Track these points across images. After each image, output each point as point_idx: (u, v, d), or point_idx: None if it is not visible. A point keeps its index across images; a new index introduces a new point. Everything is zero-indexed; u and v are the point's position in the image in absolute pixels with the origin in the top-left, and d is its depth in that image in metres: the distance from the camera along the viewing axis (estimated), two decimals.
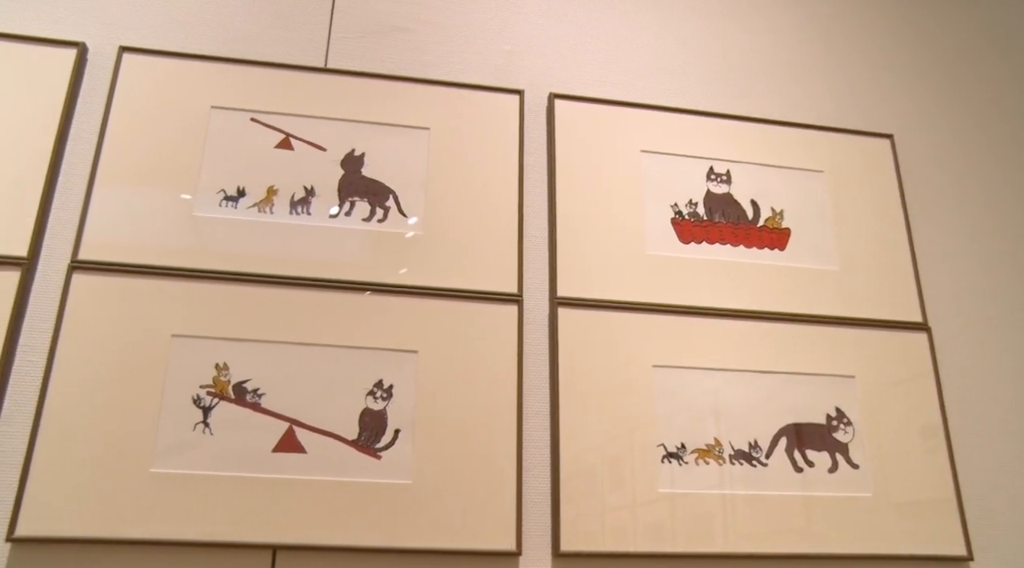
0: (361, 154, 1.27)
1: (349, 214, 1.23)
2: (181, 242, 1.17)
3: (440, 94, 1.34)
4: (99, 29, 1.31)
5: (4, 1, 1.30)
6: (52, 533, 1.02)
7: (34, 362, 1.11)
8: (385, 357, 1.16)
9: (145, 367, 1.11)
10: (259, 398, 1.11)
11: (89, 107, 1.25)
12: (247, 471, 1.08)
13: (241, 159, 1.23)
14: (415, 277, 1.21)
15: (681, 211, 1.35)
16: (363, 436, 1.12)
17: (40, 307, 1.14)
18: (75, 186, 1.21)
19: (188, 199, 1.20)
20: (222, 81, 1.28)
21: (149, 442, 1.07)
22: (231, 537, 1.05)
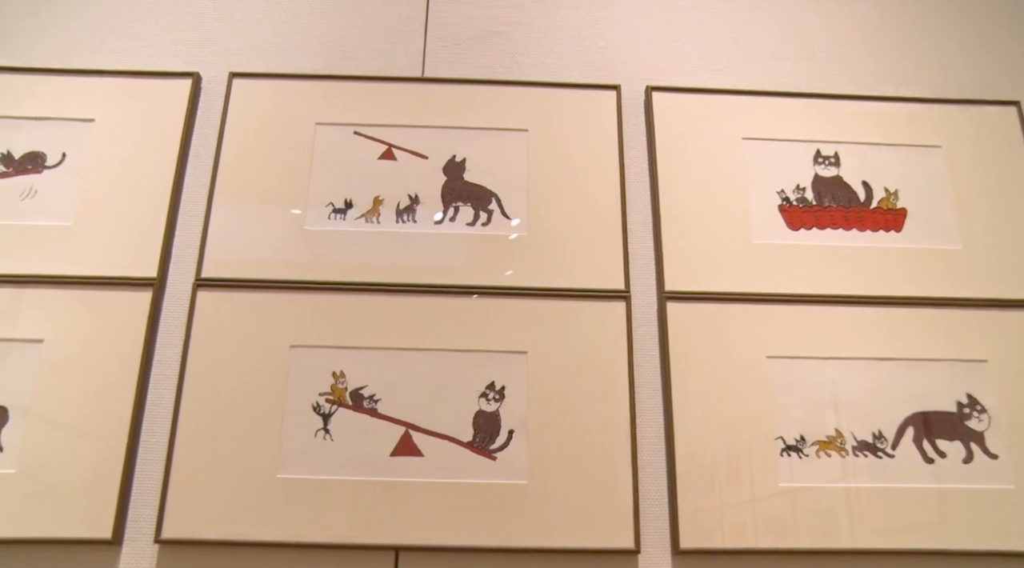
0: (462, 160, 1.29)
1: (453, 219, 1.26)
2: (294, 256, 1.23)
3: (536, 95, 1.35)
4: (210, 58, 1.38)
5: (124, 40, 1.40)
6: (192, 536, 1.09)
7: (168, 376, 1.19)
8: (495, 359, 1.18)
9: (267, 377, 1.16)
10: (375, 404, 1.15)
11: (205, 132, 1.33)
12: (367, 475, 1.12)
13: (347, 172, 1.28)
14: (521, 278, 1.23)
15: (788, 197, 1.32)
16: (478, 438, 1.14)
17: (170, 324, 1.22)
18: (195, 209, 1.28)
19: (299, 214, 1.25)
20: (325, 98, 1.33)
21: (274, 449, 1.13)
22: (355, 539, 1.09)
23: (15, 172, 1.28)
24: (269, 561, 1.10)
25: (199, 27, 1.41)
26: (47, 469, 1.12)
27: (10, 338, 1.19)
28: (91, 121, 1.32)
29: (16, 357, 1.18)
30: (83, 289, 1.21)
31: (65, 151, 1.30)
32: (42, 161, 1.29)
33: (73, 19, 1.42)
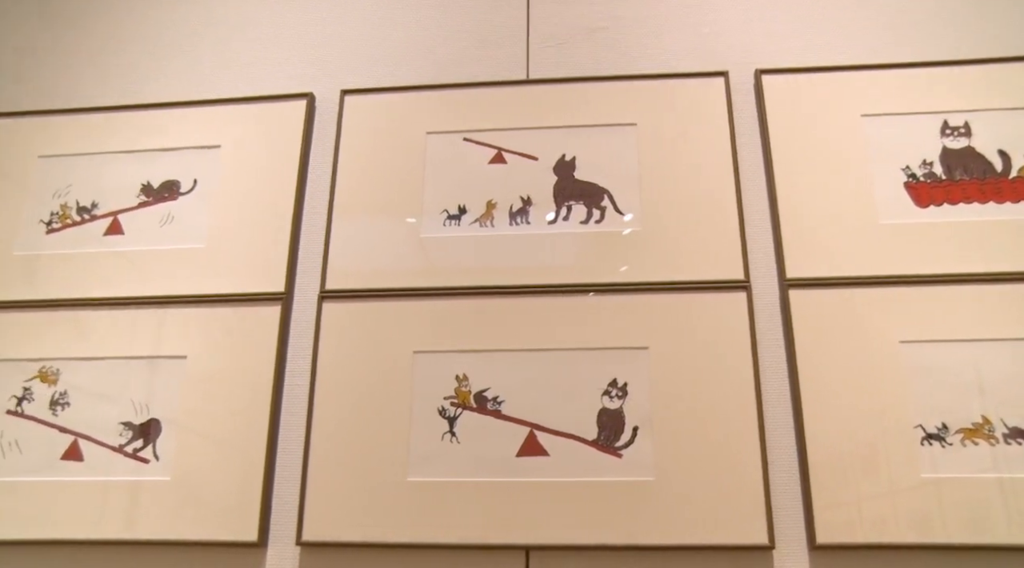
0: (572, 158, 1.30)
1: (567, 219, 1.27)
2: (412, 264, 1.27)
3: (643, 88, 1.34)
4: (323, 78, 1.45)
5: (243, 68, 1.48)
6: (330, 538, 1.14)
7: (300, 385, 1.25)
8: (616, 356, 1.18)
9: (393, 383, 1.21)
10: (499, 405, 1.17)
11: (321, 150, 1.39)
12: (495, 476, 1.14)
13: (459, 178, 1.31)
14: (637, 273, 1.23)
15: (915, 173, 1.26)
16: (602, 435, 1.15)
17: (299, 336, 1.28)
18: (317, 223, 1.34)
19: (414, 222, 1.29)
20: (434, 107, 1.36)
21: (403, 453, 1.17)
22: (486, 539, 1.12)
23: (154, 201, 1.38)
24: (404, 562, 1.14)
25: (311, 50, 1.47)
26: (197, 477, 1.20)
27: (157, 355, 1.28)
28: (217, 147, 1.40)
29: (163, 373, 1.27)
30: (218, 306, 1.29)
31: (196, 177, 1.38)
32: (177, 189, 1.38)
33: (197, 53, 1.52)
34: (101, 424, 1.26)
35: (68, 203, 1.41)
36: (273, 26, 1.51)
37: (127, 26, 1.57)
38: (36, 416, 1.28)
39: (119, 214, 1.39)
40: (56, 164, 1.45)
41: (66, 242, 1.39)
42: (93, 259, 1.37)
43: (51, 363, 1.31)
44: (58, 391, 1.29)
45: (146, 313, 1.31)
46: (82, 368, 1.30)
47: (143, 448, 1.23)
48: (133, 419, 1.25)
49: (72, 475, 1.23)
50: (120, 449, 1.24)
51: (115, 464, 1.23)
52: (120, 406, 1.26)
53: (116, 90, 1.52)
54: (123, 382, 1.28)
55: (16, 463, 1.26)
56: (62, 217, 1.41)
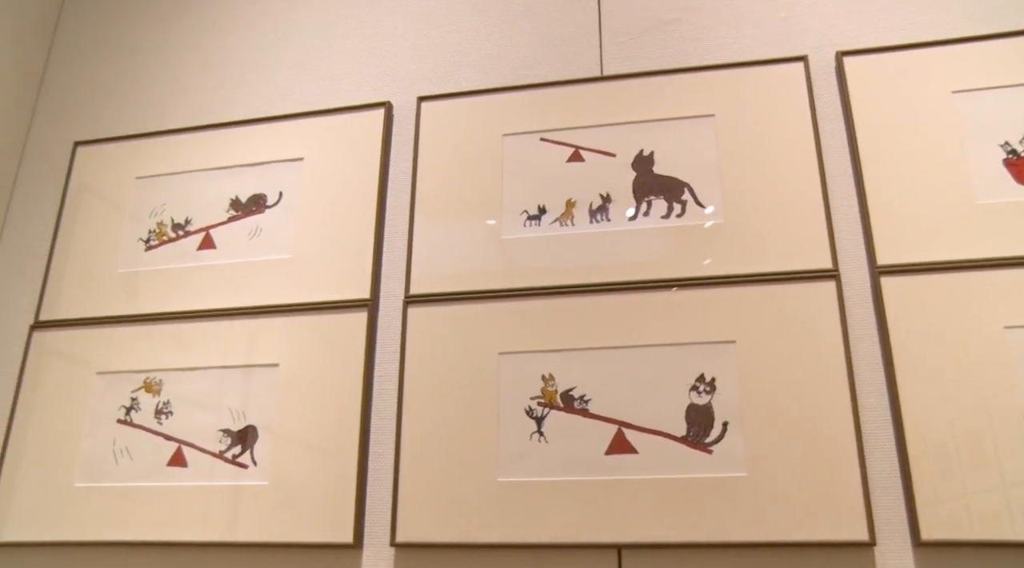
0: (650, 153, 1.30)
1: (647, 214, 1.27)
2: (494, 265, 1.29)
3: (720, 78, 1.33)
4: (399, 86, 1.48)
5: (322, 81, 1.53)
6: (423, 539, 1.17)
7: (388, 390, 1.28)
8: (703, 350, 1.18)
9: (480, 385, 1.23)
10: (586, 404, 1.18)
11: (400, 157, 1.43)
12: (584, 475, 1.15)
13: (537, 178, 1.33)
14: (721, 266, 1.22)
15: (1015, 149, 1.21)
16: (692, 432, 1.14)
17: (386, 340, 1.31)
18: (399, 230, 1.38)
19: (494, 224, 1.31)
20: (509, 109, 1.38)
21: (493, 453, 1.19)
22: (577, 539, 1.12)
23: (243, 214, 1.44)
24: (496, 561, 1.16)
25: (386, 60, 1.51)
26: (293, 481, 1.25)
27: (250, 364, 1.34)
28: (300, 160, 1.45)
29: (257, 381, 1.32)
30: (307, 315, 1.34)
31: (281, 190, 1.44)
32: (264, 202, 1.44)
33: (275, 70, 1.58)
34: (202, 431, 1.32)
35: (164, 221, 1.49)
36: (347, 39, 1.56)
37: (208, 49, 1.65)
38: (143, 425, 1.35)
39: (210, 229, 1.46)
40: (151, 184, 1.53)
41: (163, 258, 1.46)
42: (188, 274, 1.44)
43: (154, 374, 1.38)
44: (162, 401, 1.36)
45: (239, 324, 1.37)
46: (182, 378, 1.37)
47: (241, 454, 1.29)
48: (231, 426, 1.31)
49: (178, 480, 1.30)
50: (220, 455, 1.30)
51: (216, 470, 1.29)
52: (218, 414, 1.32)
53: (203, 111, 1.59)
54: (220, 391, 1.34)
55: (128, 469, 1.33)
56: (159, 235, 1.48)
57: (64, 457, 1.37)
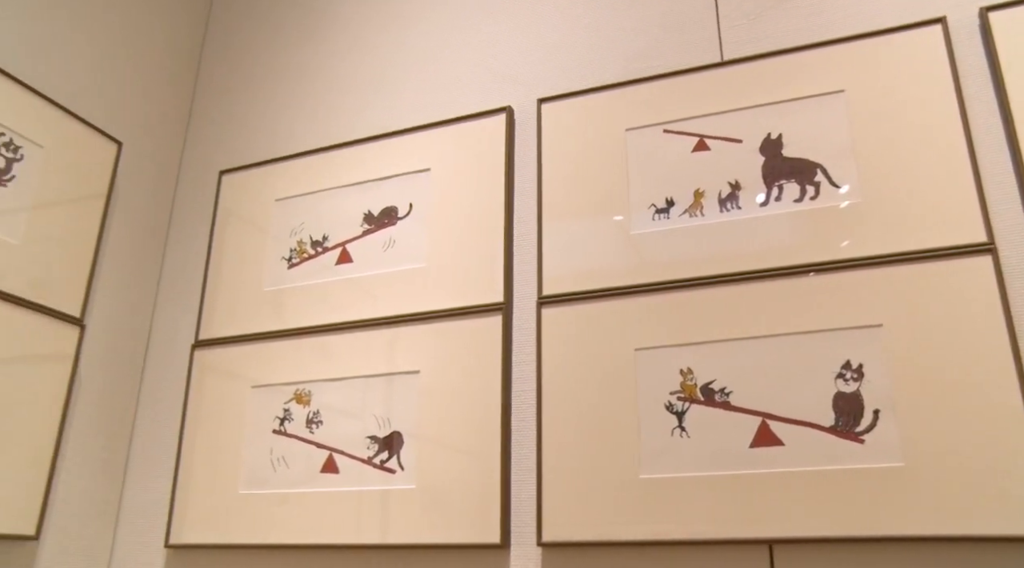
0: (778, 136, 1.28)
1: (779, 199, 1.24)
2: (624, 261, 1.30)
3: (847, 51, 1.28)
4: (519, 90, 1.52)
5: (445, 91, 1.59)
6: (569, 538, 1.19)
7: (527, 391, 1.32)
8: (847, 336, 1.14)
9: (617, 382, 1.24)
10: (727, 396, 1.17)
11: (524, 159, 1.46)
12: (729, 469, 1.14)
13: (663, 171, 1.33)
14: (861, 248, 1.18)
15: None
16: (840, 421, 1.11)
17: (522, 343, 1.35)
18: (528, 232, 1.41)
19: (622, 220, 1.32)
20: (630, 103, 1.39)
21: (634, 450, 1.20)
22: (726, 534, 1.12)
23: (376, 228, 1.52)
24: (644, 559, 1.17)
25: (504, 64, 1.55)
26: (439, 484, 1.30)
27: (392, 372, 1.40)
28: (427, 170, 1.51)
29: (399, 388, 1.39)
30: (443, 321, 1.39)
31: (411, 201, 1.50)
32: (395, 214, 1.51)
33: (397, 85, 1.65)
34: (350, 439, 1.40)
35: (303, 239, 1.58)
36: (464, 49, 1.61)
37: (331, 71, 1.74)
38: (296, 434, 1.44)
39: (347, 244, 1.54)
40: (289, 205, 1.63)
41: (305, 275, 1.56)
42: (329, 288, 1.52)
43: (304, 385, 1.47)
44: (312, 410, 1.45)
45: (379, 333, 1.44)
46: (329, 388, 1.45)
47: (388, 459, 1.35)
48: (377, 433, 1.38)
49: (331, 486, 1.38)
50: (369, 461, 1.36)
51: (366, 475, 1.36)
52: (365, 421, 1.39)
53: (332, 131, 1.69)
54: (365, 399, 1.41)
55: (285, 476, 1.42)
56: (299, 252, 1.58)
57: (228, 466, 1.48)
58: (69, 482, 1.50)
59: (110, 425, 1.61)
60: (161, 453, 1.60)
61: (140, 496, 1.59)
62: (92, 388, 1.58)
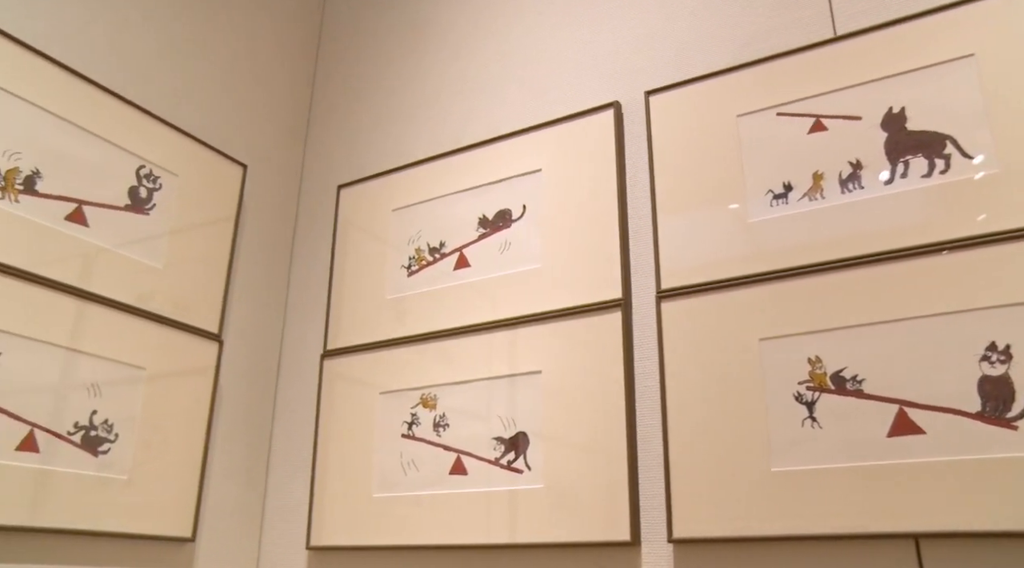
0: (900, 109, 1.22)
1: (905, 175, 1.19)
2: (743, 250, 1.28)
3: (974, 11, 1.20)
4: (625, 83, 1.52)
5: (546, 90, 1.60)
6: (700, 534, 1.18)
7: (650, 387, 1.31)
8: (990, 316, 1.08)
9: (742, 374, 1.22)
10: (860, 384, 1.13)
11: (635, 153, 1.46)
12: (866, 460, 1.10)
13: (779, 155, 1.30)
14: (999, 221, 1.11)
15: None
16: (988, 407, 1.05)
17: (642, 338, 1.35)
18: (643, 226, 1.41)
19: (738, 208, 1.30)
20: (739, 88, 1.36)
21: (764, 443, 1.17)
22: (866, 528, 1.08)
23: (491, 231, 1.55)
24: (779, 555, 1.14)
25: (609, 60, 1.55)
26: (566, 483, 1.31)
27: (515, 373, 1.43)
28: (539, 171, 1.53)
29: (522, 389, 1.41)
30: (562, 320, 1.41)
31: (524, 203, 1.52)
32: (509, 216, 1.53)
33: (503, 88, 1.68)
34: (477, 440, 1.43)
35: (421, 246, 1.63)
36: (567, 46, 1.62)
37: (439, 80, 1.78)
38: (425, 437, 1.49)
39: (463, 248, 1.57)
40: (406, 214, 1.68)
41: (425, 281, 1.61)
42: (448, 293, 1.56)
43: (429, 390, 1.52)
44: (438, 414, 1.49)
45: (500, 335, 1.47)
46: (454, 392, 1.49)
47: (515, 460, 1.37)
48: (503, 434, 1.40)
49: (460, 487, 1.41)
50: (496, 462, 1.39)
51: (494, 476, 1.39)
52: (490, 423, 1.42)
53: (443, 138, 1.73)
54: (489, 400, 1.44)
55: (415, 479, 1.47)
56: (418, 260, 1.63)
57: (361, 470, 1.54)
58: (218, 488, 1.61)
59: (250, 433, 1.71)
60: (298, 459, 1.69)
61: (281, 500, 1.68)
62: (232, 399, 1.68)
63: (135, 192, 1.53)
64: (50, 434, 1.32)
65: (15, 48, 1.37)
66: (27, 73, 1.38)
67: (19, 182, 1.34)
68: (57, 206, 1.39)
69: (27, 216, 1.34)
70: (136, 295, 1.49)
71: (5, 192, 1.32)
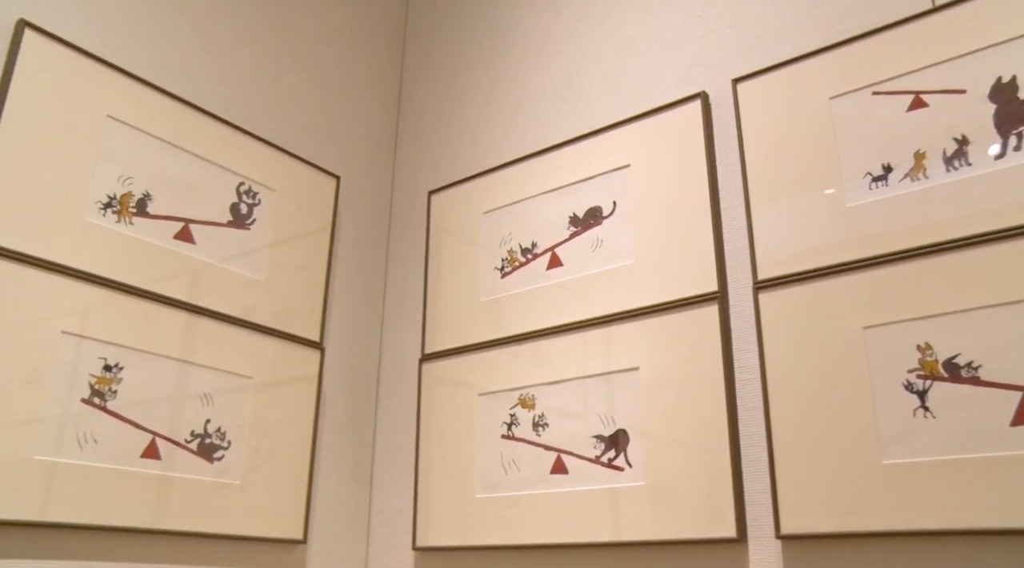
0: (1011, 78, 1.16)
1: (1018, 148, 1.13)
2: (841, 236, 1.24)
3: None
4: (711, 73, 1.49)
5: (631, 85, 1.59)
6: (809, 530, 1.15)
7: (750, 380, 1.29)
8: None
9: (847, 363, 1.18)
10: (975, 371, 1.08)
11: (724, 142, 1.43)
12: (986, 451, 1.06)
13: (876, 136, 1.25)
14: None
15: None
16: None
17: (741, 330, 1.32)
18: (736, 217, 1.38)
19: (834, 193, 1.26)
20: (830, 69, 1.32)
21: (873, 434, 1.14)
22: (987, 524, 1.03)
23: (583, 229, 1.55)
24: (894, 551, 1.11)
25: (692, 50, 1.53)
26: (668, 479, 1.30)
27: (611, 370, 1.42)
28: (627, 167, 1.52)
29: (620, 386, 1.40)
30: (658, 315, 1.40)
31: (614, 199, 1.52)
32: (600, 213, 1.53)
33: (587, 86, 1.67)
34: (576, 439, 1.43)
35: (513, 248, 1.65)
36: (650, 40, 1.60)
37: (523, 81, 1.79)
38: (524, 438, 1.50)
39: (555, 248, 1.58)
40: (496, 217, 1.70)
41: (518, 282, 1.62)
42: (542, 293, 1.57)
43: (527, 390, 1.53)
44: (536, 414, 1.50)
45: (595, 333, 1.47)
46: (551, 391, 1.49)
47: (616, 457, 1.37)
48: (602, 432, 1.40)
49: (561, 486, 1.42)
50: (596, 460, 1.39)
51: (594, 474, 1.39)
52: (589, 421, 1.42)
53: (530, 139, 1.74)
54: (587, 399, 1.44)
55: (516, 479, 1.48)
56: (510, 261, 1.64)
57: (463, 471, 1.57)
58: (326, 491, 1.66)
59: (355, 438, 1.76)
60: (401, 462, 1.72)
61: (387, 502, 1.72)
62: (336, 405, 1.73)
63: (236, 208, 1.59)
64: (170, 442, 1.39)
65: (124, 79, 1.45)
66: (136, 102, 1.46)
67: (132, 205, 1.42)
68: (167, 226, 1.47)
69: (140, 237, 1.42)
70: (241, 307, 1.56)
71: (121, 215, 1.40)
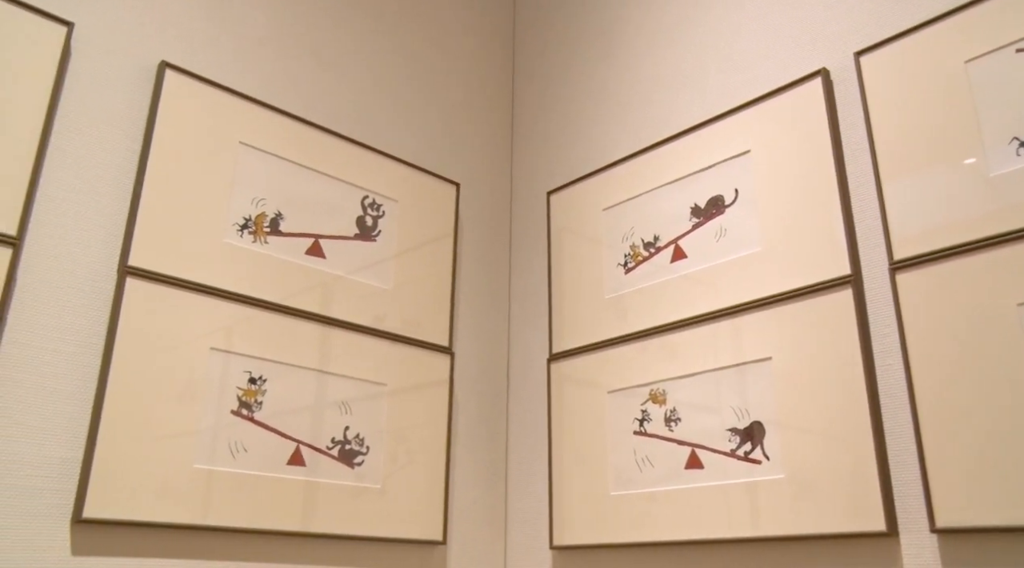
0: None
1: None
2: (984, 208, 1.17)
3: None
4: (830, 48, 1.44)
5: (746, 68, 1.56)
6: (968, 523, 1.09)
7: (892, 365, 1.23)
8: None
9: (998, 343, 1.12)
10: None
11: (849, 119, 1.38)
12: None
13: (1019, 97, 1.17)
14: None
15: None
16: None
17: (878, 313, 1.27)
18: (866, 195, 1.33)
19: (975, 162, 1.19)
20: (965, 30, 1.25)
21: None
22: None
23: (705, 219, 1.52)
24: None
25: (811, 25, 1.48)
26: (809, 471, 1.26)
27: (742, 362, 1.39)
28: (747, 153, 1.49)
29: (752, 377, 1.37)
30: (789, 303, 1.36)
31: (736, 187, 1.49)
32: (722, 202, 1.50)
33: (702, 73, 1.65)
34: (710, 433, 1.41)
35: (635, 243, 1.64)
36: (763, 20, 1.56)
37: (634, 74, 1.78)
38: (657, 433, 1.49)
39: (678, 240, 1.56)
40: (616, 212, 1.70)
41: (642, 277, 1.61)
42: (667, 286, 1.56)
43: (657, 385, 1.51)
44: (668, 409, 1.48)
45: (723, 324, 1.44)
46: (682, 385, 1.47)
47: (752, 450, 1.34)
48: (737, 424, 1.37)
49: (697, 481, 1.40)
50: (732, 454, 1.37)
51: (730, 468, 1.36)
52: (722, 414, 1.40)
53: (646, 132, 1.73)
54: (719, 391, 1.41)
55: (650, 475, 1.47)
56: (633, 256, 1.63)
57: (597, 469, 1.57)
58: (462, 493, 1.70)
59: (488, 440, 1.79)
60: (534, 462, 1.74)
61: (522, 502, 1.74)
62: (468, 408, 1.77)
63: (362, 221, 1.66)
64: (312, 449, 1.46)
65: (253, 107, 1.54)
66: (264, 127, 1.55)
67: (266, 225, 1.50)
68: (298, 243, 1.54)
69: (275, 254, 1.50)
70: (371, 316, 1.62)
71: (256, 235, 1.48)
